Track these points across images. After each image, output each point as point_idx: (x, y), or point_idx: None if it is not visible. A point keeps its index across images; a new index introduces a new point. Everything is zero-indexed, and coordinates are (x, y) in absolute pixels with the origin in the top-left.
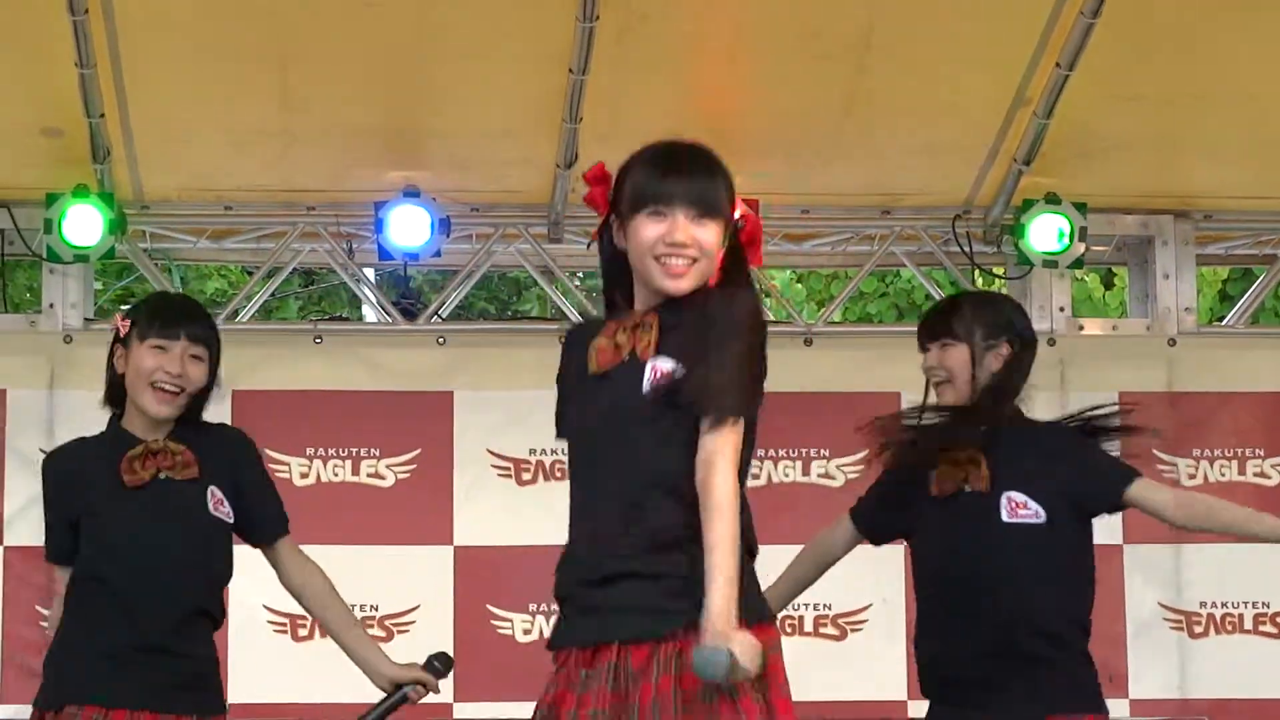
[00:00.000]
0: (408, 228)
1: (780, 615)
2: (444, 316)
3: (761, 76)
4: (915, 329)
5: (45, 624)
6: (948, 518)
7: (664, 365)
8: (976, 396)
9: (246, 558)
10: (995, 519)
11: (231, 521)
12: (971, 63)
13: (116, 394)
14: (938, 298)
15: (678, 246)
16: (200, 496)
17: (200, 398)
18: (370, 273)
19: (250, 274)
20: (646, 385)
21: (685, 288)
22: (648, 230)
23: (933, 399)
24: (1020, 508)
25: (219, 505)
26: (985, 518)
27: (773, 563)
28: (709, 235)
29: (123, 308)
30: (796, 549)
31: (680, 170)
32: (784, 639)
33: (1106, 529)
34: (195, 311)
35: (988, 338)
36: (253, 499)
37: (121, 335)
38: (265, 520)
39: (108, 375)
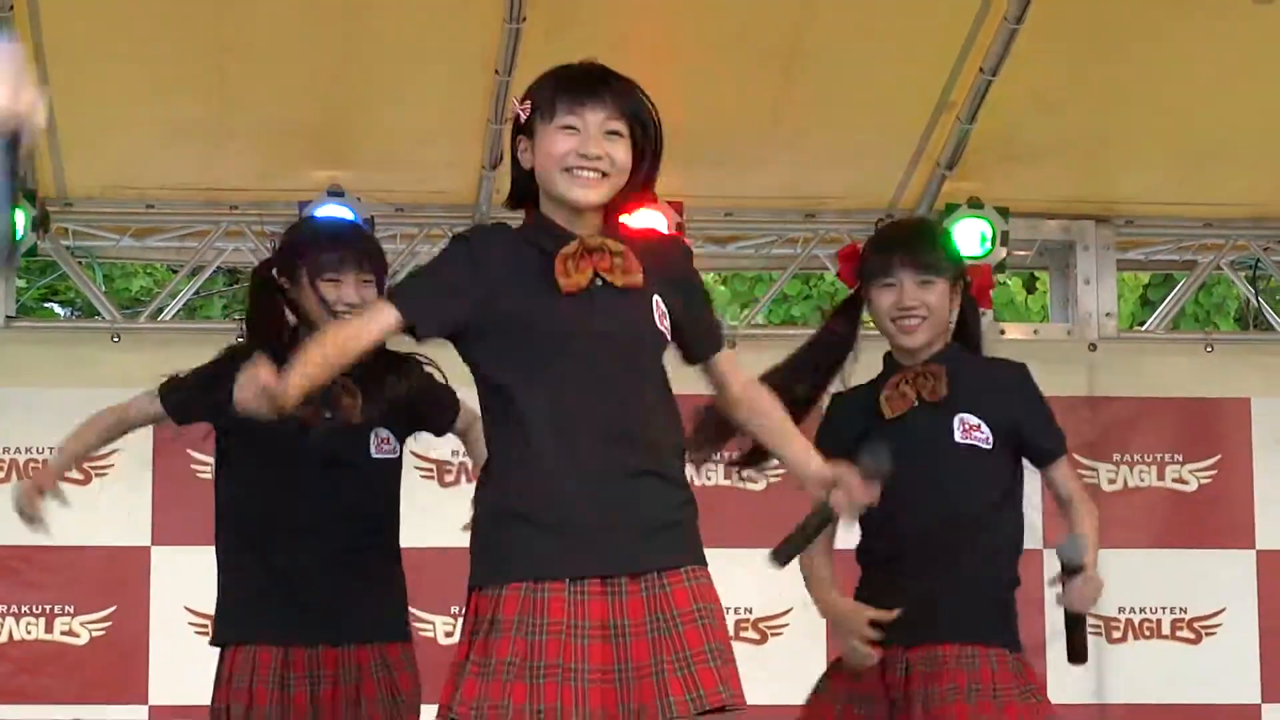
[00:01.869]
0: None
1: None
2: None
3: (687, 80)
4: None
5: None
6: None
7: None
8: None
9: None
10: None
11: None
12: (896, 67)
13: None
14: None
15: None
16: None
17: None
18: None
19: (174, 272)
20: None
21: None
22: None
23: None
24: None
25: None
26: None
27: None
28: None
29: (45, 305)
30: (722, 551)
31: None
32: None
33: (1030, 533)
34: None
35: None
36: None
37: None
38: None
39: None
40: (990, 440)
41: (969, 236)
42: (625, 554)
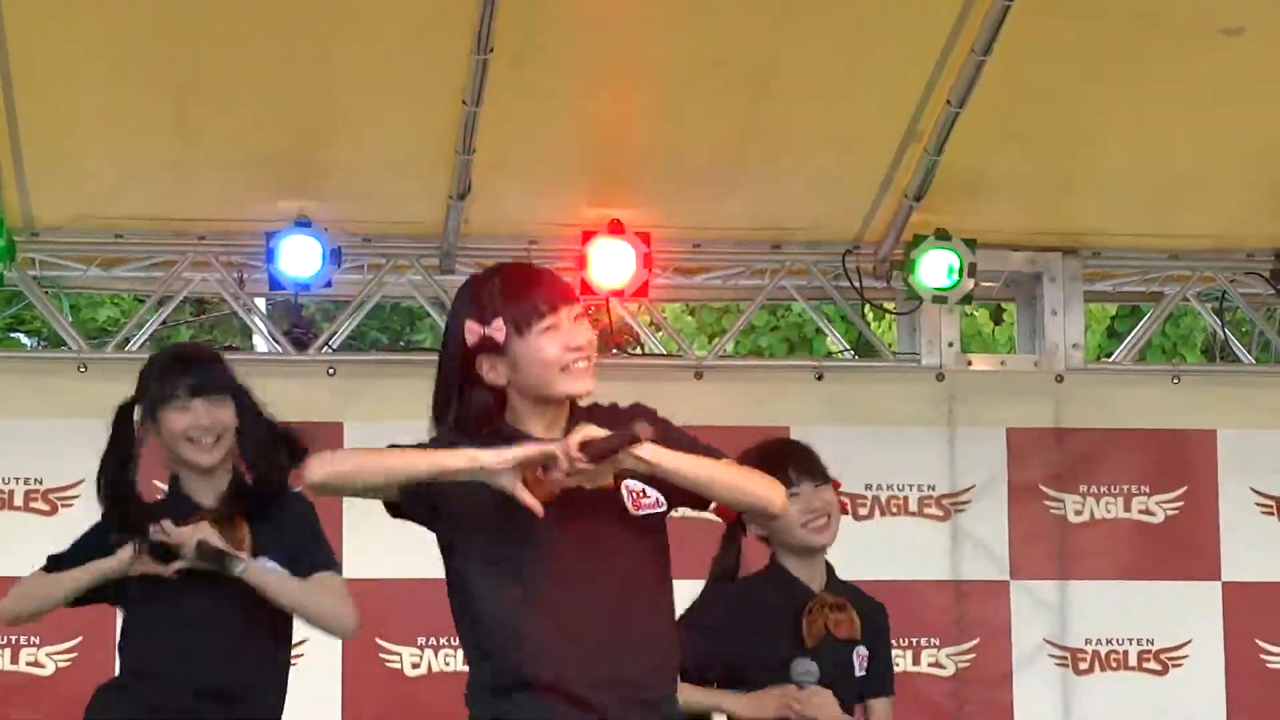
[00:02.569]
0: (299, 258)
1: None
2: (335, 347)
3: (656, 110)
4: (806, 363)
5: None
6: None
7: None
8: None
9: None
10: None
11: None
12: (863, 99)
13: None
14: (828, 332)
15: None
16: None
17: None
18: (261, 302)
19: (141, 302)
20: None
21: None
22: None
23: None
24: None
25: None
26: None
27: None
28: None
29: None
30: (688, 583)
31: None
32: None
33: (995, 565)
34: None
35: None
36: None
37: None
38: None
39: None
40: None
41: (936, 268)
42: None
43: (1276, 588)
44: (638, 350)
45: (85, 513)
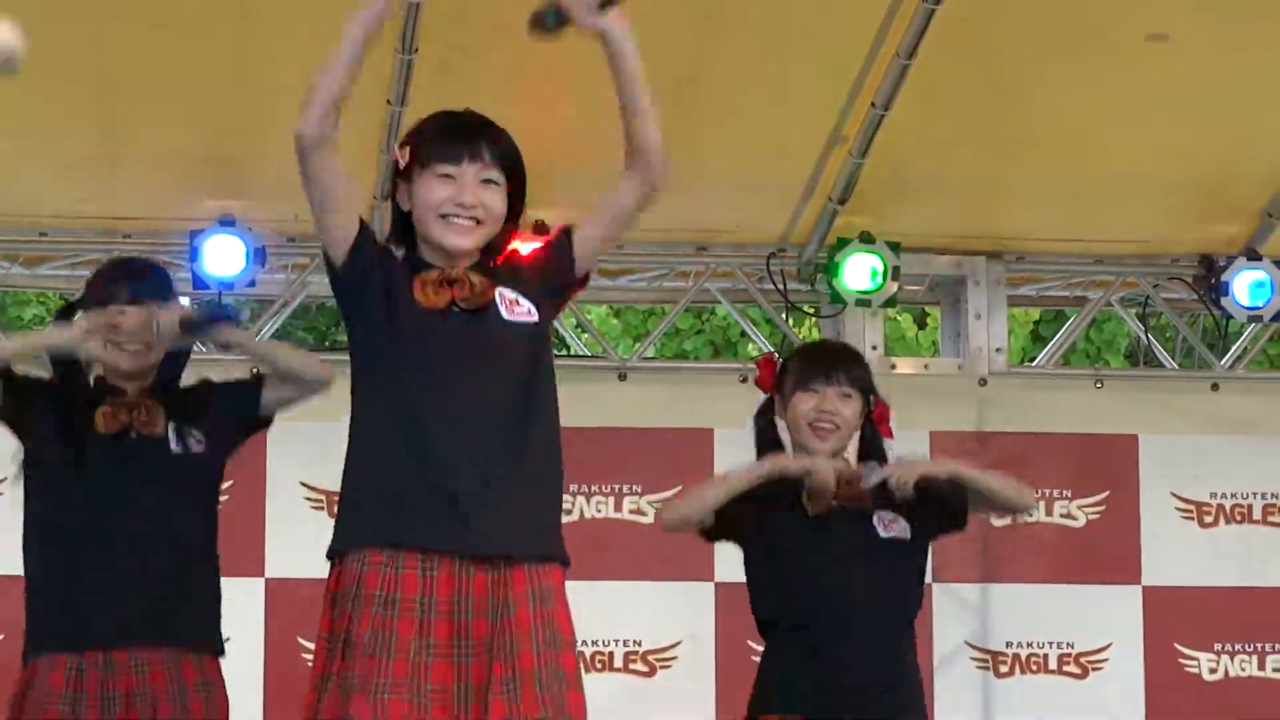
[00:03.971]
0: (222, 257)
1: (589, 651)
2: None
3: (580, 112)
4: (730, 365)
5: None
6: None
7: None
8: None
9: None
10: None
11: None
12: (788, 101)
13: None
14: (752, 335)
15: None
16: None
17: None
18: (186, 301)
19: (66, 300)
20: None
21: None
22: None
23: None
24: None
25: None
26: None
27: (585, 599)
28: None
29: None
30: (609, 584)
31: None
32: (594, 674)
33: None
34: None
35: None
36: None
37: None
38: None
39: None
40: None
41: (860, 271)
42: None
43: (1196, 592)
44: (562, 351)
45: (13, 505)
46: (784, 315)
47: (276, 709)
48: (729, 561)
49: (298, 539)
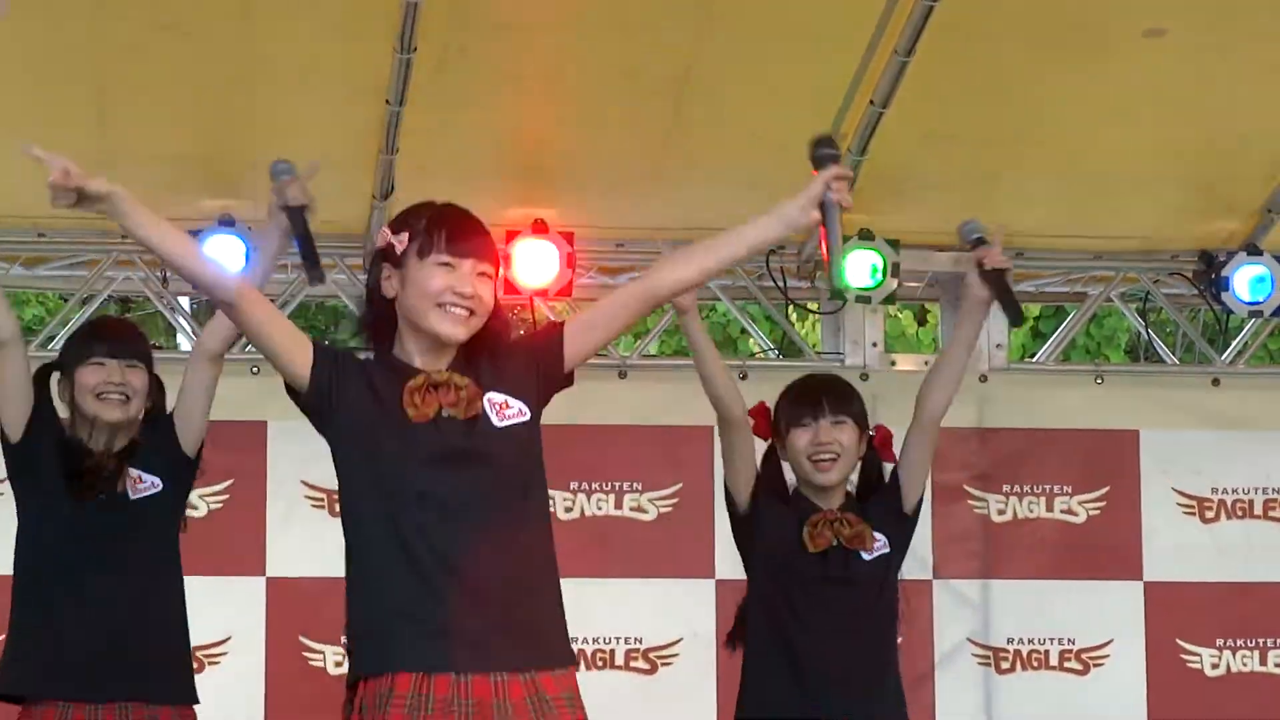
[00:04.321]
0: (222, 257)
1: (590, 649)
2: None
3: (579, 110)
4: (730, 363)
5: None
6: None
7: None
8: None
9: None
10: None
11: None
12: (787, 99)
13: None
14: (752, 332)
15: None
16: None
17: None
18: (186, 301)
19: (66, 301)
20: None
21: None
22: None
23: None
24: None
25: None
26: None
27: (586, 596)
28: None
29: None
30: (610, 582)
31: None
32: (595, 672)
33: (918, 564)
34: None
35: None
36: None
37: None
38: None
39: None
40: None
41: (860, 268)
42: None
43: (1197, 588)
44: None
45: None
46: (784, 312)
47: (277, 707)
48: (730, 559)
49: (299, 538)
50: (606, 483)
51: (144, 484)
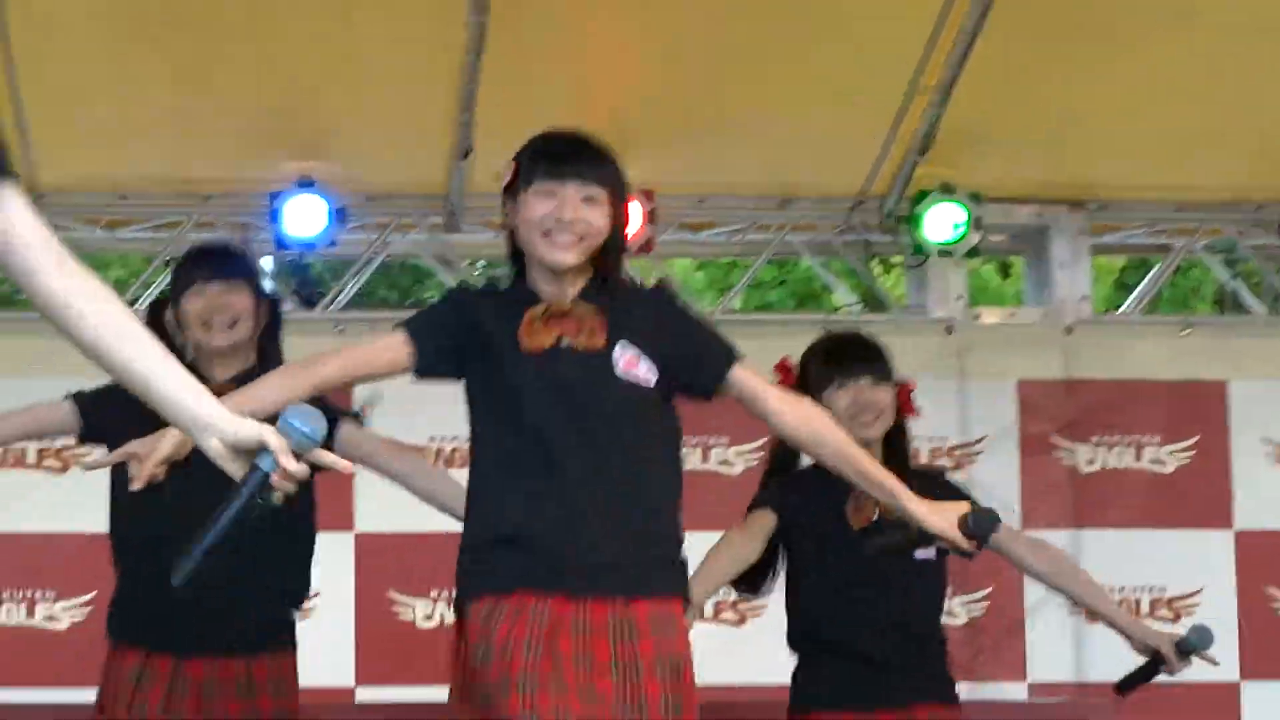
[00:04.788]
0: (303, 218)
1: None
2: (343, 305)
3: (659, 67)
4: (815, 317)
5: None
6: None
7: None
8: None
9: None
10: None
11: None
12: (868, 53)
13: None
14: (835, 287)
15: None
16: None
17: None
18: (269, 261)
19: (149, 263)
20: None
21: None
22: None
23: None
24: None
25: None
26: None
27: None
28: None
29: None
30: (697, 535)
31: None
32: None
33: (1006, 515)
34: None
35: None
36: None
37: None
38: None
39: None
40: (934, 553)
41: (941, 223)
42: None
43: None
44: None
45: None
46: (867, 266)
47: (368, 662)
48: None
49: (386, 492)
50: (693, 437)
51: None
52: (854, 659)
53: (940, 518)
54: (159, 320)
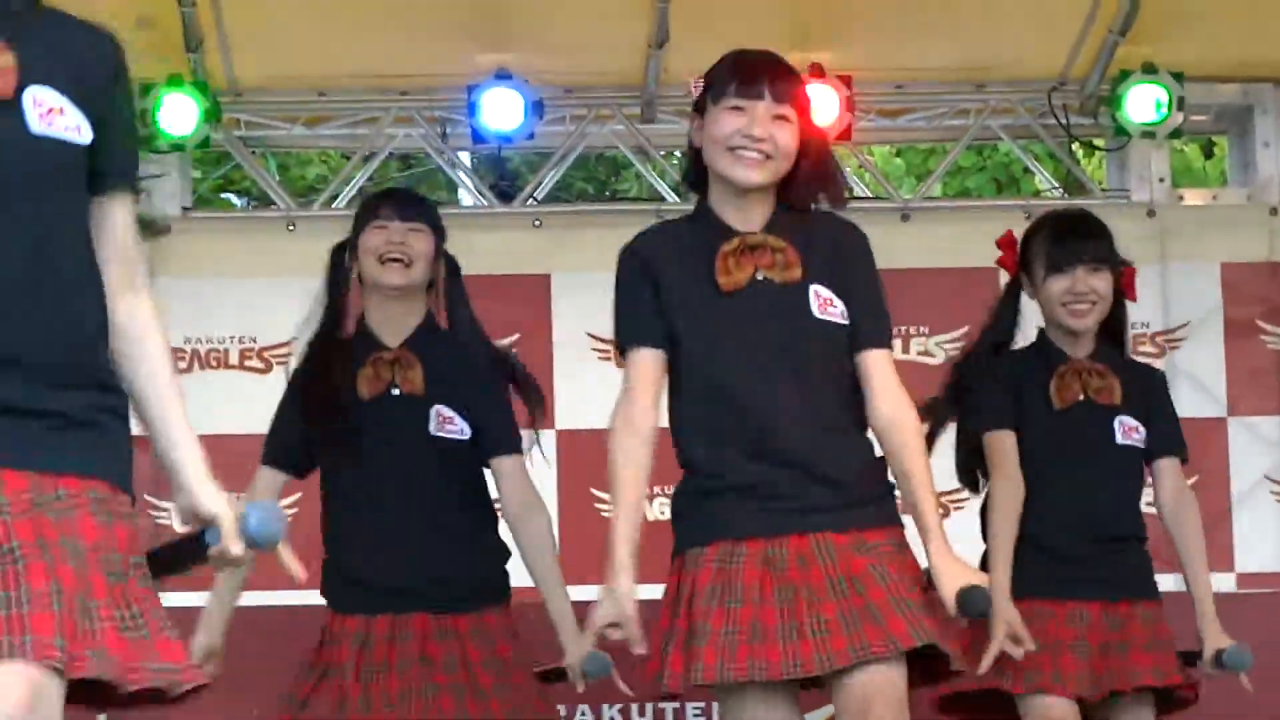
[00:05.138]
0: (500, 111)
1: None
2: (540, 198)
3: None
4: (1015, 203)
5: None
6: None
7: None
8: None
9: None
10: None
11: None
12: None
13: None
14: (1035, 171)
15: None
16: None
17: None
18: (466, 156)
19: (348, 159)
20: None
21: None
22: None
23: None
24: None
25: None
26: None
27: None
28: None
29: (221, 196)
30: None
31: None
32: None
33: (1211, 402)
34: None
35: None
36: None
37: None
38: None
39: None
40: (1145, 442)
41: (1143, 103)
42: None
43: None
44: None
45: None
46: (1067, 150)
47: (571, 559)
48: None
49: (586, 390)
50: (894, 326)
51: (452, 426)
52: (1050, 552)
53: (946, 579)
54: (340, 263)
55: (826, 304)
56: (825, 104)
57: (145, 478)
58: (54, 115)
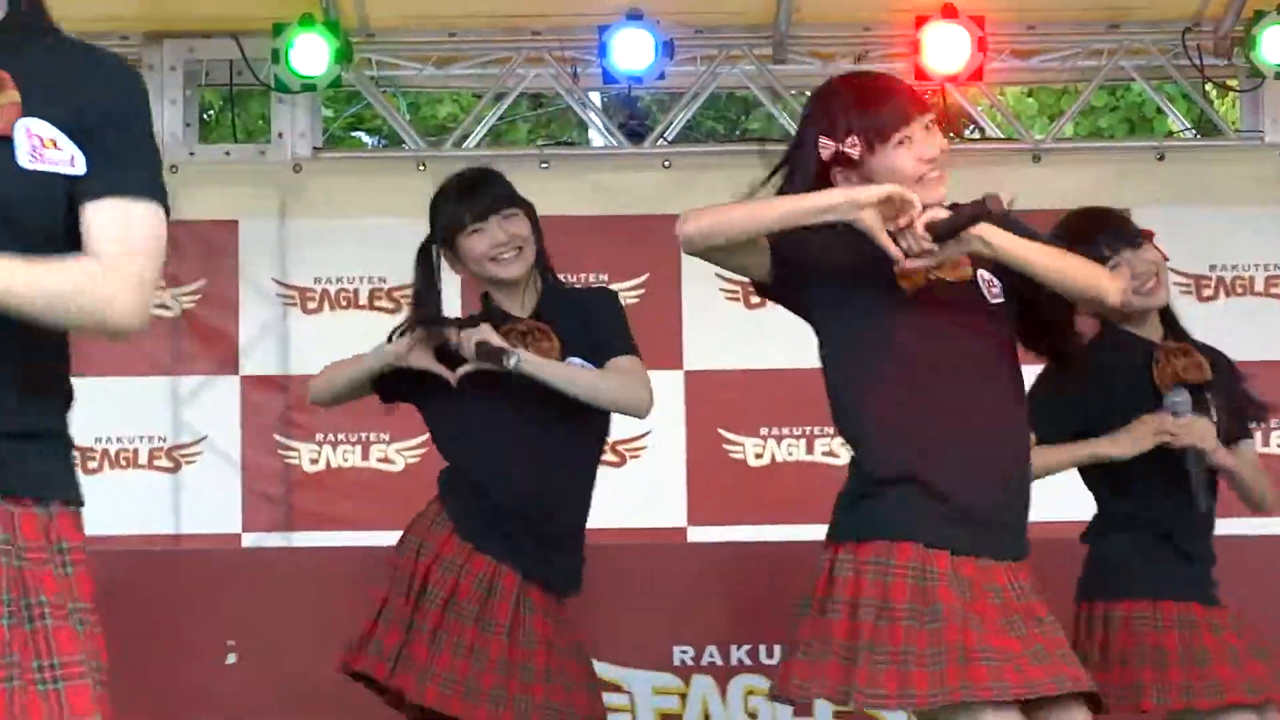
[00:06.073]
0: (631, 51)
1: None
2: (670, 139)
3: None
4: (1147, 144)
5: None
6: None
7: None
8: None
9: None
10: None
11: None
12: None
13: None
14: (1169, 112)
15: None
16: None
17: None
18: (596, 96)
19: (479, 99)
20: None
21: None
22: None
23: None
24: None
25: None
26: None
27: None
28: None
29: (352, 135)
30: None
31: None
32: None
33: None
34: None
35: None
36: None
37: None
38: None
39: None
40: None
41: (1278, 44)
42: None
43: None
44: (975, 134)
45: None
46: (1201, 91)
47: (698, 497)
48: None
49: (714, 331)
50: None
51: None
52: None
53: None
54: (428, 263)
55: (990, 286)
56: (957, 44)
57: (276, 418)
58: (46, 149)
